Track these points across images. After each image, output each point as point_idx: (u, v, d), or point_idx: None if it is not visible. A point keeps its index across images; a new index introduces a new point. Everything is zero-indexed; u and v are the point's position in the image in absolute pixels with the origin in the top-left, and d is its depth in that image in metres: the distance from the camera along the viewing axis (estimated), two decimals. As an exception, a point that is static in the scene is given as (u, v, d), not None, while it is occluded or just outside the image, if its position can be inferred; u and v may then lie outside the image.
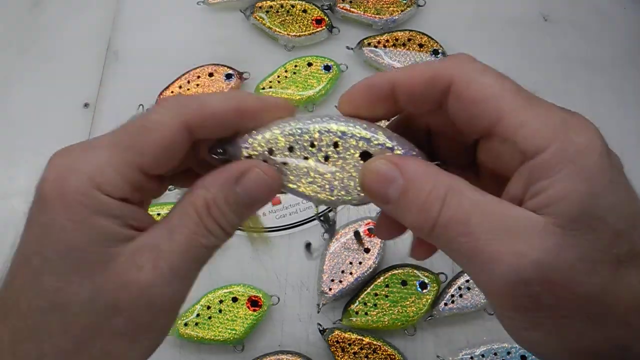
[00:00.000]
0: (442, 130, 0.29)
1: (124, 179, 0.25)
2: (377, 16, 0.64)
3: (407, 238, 0.58)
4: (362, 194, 0.28)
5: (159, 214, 0.54)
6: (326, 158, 0.28)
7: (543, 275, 0.22)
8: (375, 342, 0.49)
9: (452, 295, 0.51)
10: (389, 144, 0.28)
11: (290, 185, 0.29)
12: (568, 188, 0.22)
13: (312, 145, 0.28)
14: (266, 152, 0.28)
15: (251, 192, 0.27)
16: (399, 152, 0.27)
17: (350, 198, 0.28)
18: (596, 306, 0.23)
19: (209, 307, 0.51)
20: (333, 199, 0.28)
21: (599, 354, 0.24)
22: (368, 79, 0.27)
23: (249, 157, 0.28)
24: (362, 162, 0.28)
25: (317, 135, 0.28)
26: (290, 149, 0.28)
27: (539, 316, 0.23)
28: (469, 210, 0.23)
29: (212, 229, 0.26)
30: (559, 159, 0.23)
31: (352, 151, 0.28)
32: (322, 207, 0.30)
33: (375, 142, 0.28)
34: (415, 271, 0.51)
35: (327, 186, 0.28)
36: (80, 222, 0.24)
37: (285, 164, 0.28)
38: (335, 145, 0.28)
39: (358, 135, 0.28)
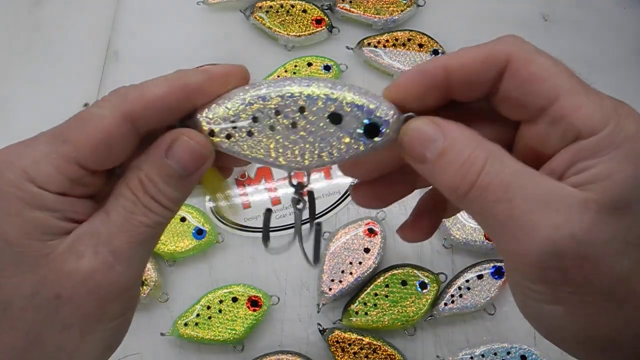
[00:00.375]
0: (477, 114, 0.28)
1: (60, 172, 0.24)
2: (377, 16, 0.64)
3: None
4: (334, 157, 0.27)
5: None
6: (294, 125, 0.27)
7: (577, 250, 0.22)
8: (375, 342, 0.49)
9: (452, 295, 0.51)
10: (359, 101, 0.26)
11: (259, 156, 0.27)
12: (614, 169, 0.23)
13: (278, 113, 0.27)
14: (229, 125, 0.27)
15: (182, 161, 0.26)
16: (372, 107, 0.26)
17: (323, 162, 0.27)
18: (622, 289, 0.23)
19: (209, 307, 0.51)
20: (306, 163, 0.27)
21: (616, 340, 0.24)
22: (419, 65, 0.26)
23: (212, 132, 0.27)
24: (331, 124, 0.27)
25: (280, 101, 0.26)
26: (255, 120, 0.27)
27: (565, 291, 0.23)
28: (509, 177, 0.23)
29: (151, 206, 0.25)
30: (609, 142, 0.23)
31: (320, 115, 0.27)
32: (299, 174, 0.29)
33: (344, 102, 0.26)
34: (415, 271, 0.51)
35: (297, 152, 0.27)
36: (16, 215, 0.24)
37: (251, 134, 0.27)
38: (302, 109, 0.26)
39: (324, 96, 0.26)
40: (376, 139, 0.27)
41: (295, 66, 0.61)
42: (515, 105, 0.26)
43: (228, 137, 0.27)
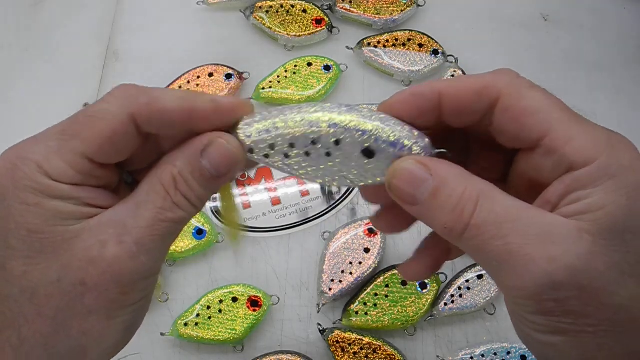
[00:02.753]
0: (477, 142, 0.30)
1: (70, 166, 0.25)
2: (377, 16, 0.64)
3: (407, 238, 0.59)
4: (363, 183, 0.29)
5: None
6: (328, 154, 0.28)
7: (574, 281, 0.23)
8: (375, 342, 0.49)
9: (452, 295, 0.51)
10: (393, 137, 0.27)
11: (294, 173, 0.29)
12: (608, 199, 0.23)
13: (314, 143, 0.28)
14: (268, 148, 0.28)
15: (216, 163, 0.27)
16: (406, 143, 0.27)
17: (350, 185, 0.29)
18: (620, 318, 0.23)
19: (208, 307, 0.51)
20: (335, 184, 0.30)
21: None
22: (414, 87, 0.27)
23: (250, 150, 0.28)
24: (364, 158, 0.28)
25: (318, 130, 0.28)
26: (292, 146, 0.28)
27: (564, 322, 0.24)
28: (502, 214, 0.24)
29: (180, 203, 0.27)
30: (603, 172, 0.23)
31: (354, 147, 0.28)
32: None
33: (379, 136, 0.27)
34: (415, 271, 0.51)
35: (328, 177, 0.29)
36: (35, 205, 0.25)
37: (287, 156, 0.29)
38: (337, 142, 0.28)
39: (361, 129, 0.27)
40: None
41: (295, 66, 0.61)
42: (510, 138, 0.27)
43: (266, 156, 0.29)
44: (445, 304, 0.50)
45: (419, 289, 0.51)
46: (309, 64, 0.61)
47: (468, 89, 0.26)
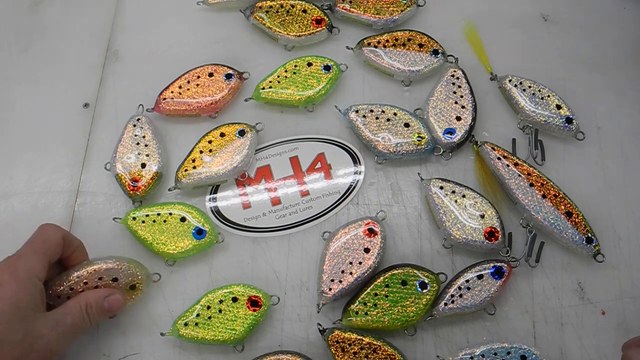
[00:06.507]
0: None
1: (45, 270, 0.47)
2: (377, 16, 0.64)
3: (407, 237, 0.58)
4: None
5: (158, 214, 0.54)
6: None
7: None
8: (375, 342, 0.49)
9: (452, 295, 0.51)
10: None
11: None
12: None
13: None
14: None
15: (110, 305, 0.49)
16: None
17: None
18: None
19: (209, 307, 0.51)
20: None
21: None
22: None
23: None
24: None
25: None
26: None
27: None
28: None
29: (86, 320, 0.47)
30: None
31: None
32: None
33: None
34: (415, 271, 0.51)
35: None
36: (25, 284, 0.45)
37: None
38: None
39: None
40: None
41: (295, 66, 0.61)
42: None
43: None
44: (445, 304, 0.50)
45: (419, 289, 0.51)
46: (309, 64, 0.61)
47: None
